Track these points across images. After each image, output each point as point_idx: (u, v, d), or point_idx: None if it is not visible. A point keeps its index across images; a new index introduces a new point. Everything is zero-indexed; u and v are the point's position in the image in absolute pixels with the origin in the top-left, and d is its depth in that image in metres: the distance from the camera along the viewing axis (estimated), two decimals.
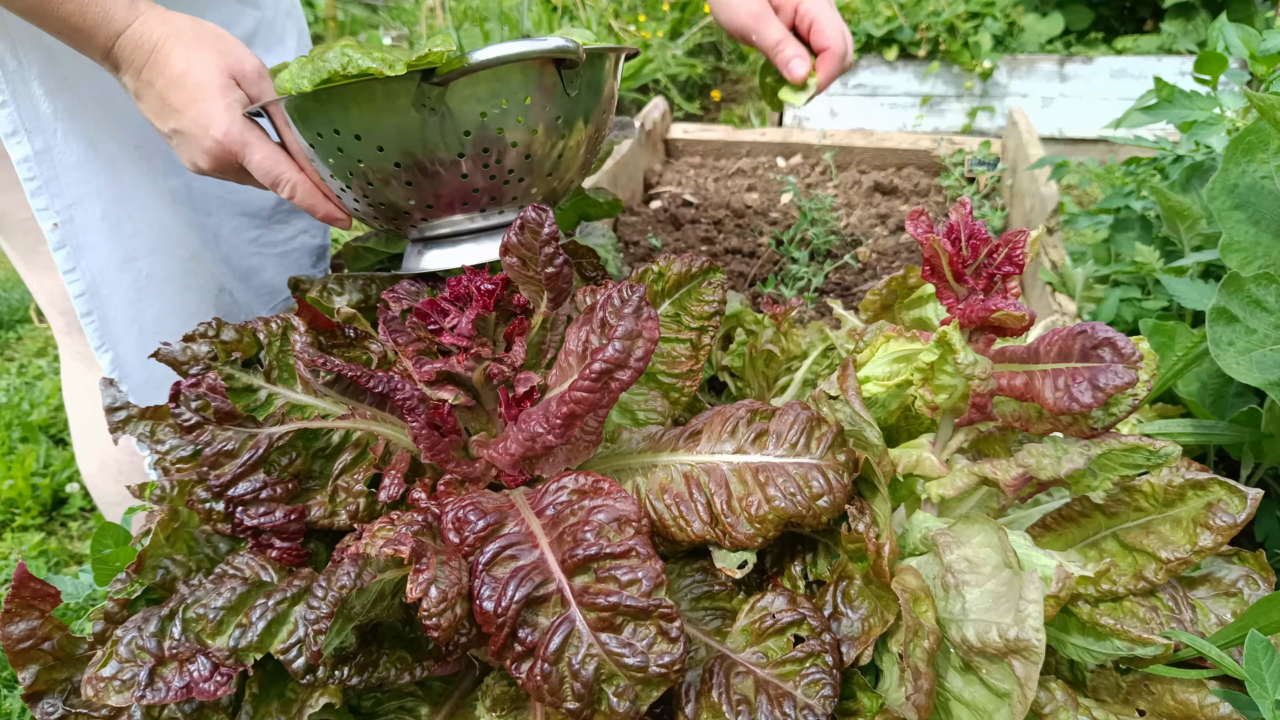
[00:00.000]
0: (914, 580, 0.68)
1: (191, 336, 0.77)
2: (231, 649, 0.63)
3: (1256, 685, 0.61)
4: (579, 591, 0.60)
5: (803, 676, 0.64)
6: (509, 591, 0.60)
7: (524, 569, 0.61)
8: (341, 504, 0.75)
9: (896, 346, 0.84)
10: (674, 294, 0.93)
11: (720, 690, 0.64)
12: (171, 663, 0.63)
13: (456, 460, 0.74)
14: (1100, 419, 0.68)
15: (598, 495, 0.65)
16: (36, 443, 2.01)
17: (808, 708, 0.62)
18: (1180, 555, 0.70)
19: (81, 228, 1.04)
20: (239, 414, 0.73)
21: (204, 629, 0.64)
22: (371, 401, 0.80)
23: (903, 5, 3.59)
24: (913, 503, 0.85)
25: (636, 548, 0.61)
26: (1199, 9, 3.63)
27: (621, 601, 0.59)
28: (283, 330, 0.81)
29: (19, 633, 0.67)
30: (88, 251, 1.04)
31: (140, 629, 0.64)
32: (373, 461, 0.77)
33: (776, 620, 0.67)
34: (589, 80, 0.94)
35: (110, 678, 0.63)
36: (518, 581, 0.60)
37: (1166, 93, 1.35)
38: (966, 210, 0.74)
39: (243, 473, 0.71)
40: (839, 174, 2.55)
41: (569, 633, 0.59)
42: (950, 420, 0.79)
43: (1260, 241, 1.01)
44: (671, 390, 0.92)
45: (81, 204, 1.03)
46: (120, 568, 0.83)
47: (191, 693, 0.62)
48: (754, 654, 0.67)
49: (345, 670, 0.64)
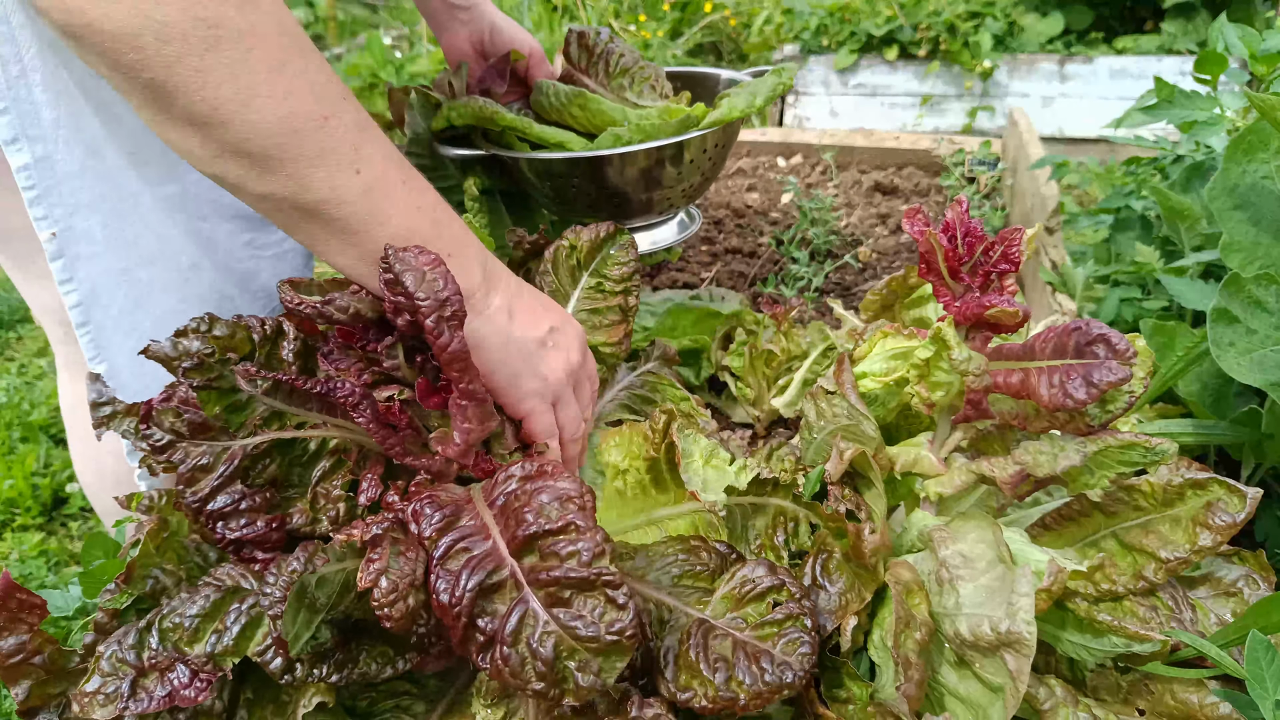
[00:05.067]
0: (908, 573, 0.68)
1: (183, 332, 0.76)
2: (209, 655, 0.63)
3: (1257, 685, 0.60)
4: (529, 571, 0.60)
5: (781, 636, 0.64)
6: (462, 581, 0.60)
7: (476, 558, 0.62)
8: (322, 510, 0.75)
9: (893, 343, 0.84)
10: (590, 264, 0.97)
11: (698, 650, 0.64)
12: (152, 673, 0.63)
13: (415, 454, 0.75)
14: (1096, 416, 0.68)
15: (541, 478, 0.66)
16: (36, 443, 2.01)
17: (785, 664, 0.62)
18: (1180, 555, 0.70)
19: (80, 237, 1.02)
20: (212, 425, 0.72)
21: (181, 637, 0.64)
22: (318, 405, 0.80)
23: (903, 5, 3.58)
24: (912, 501, 0.84)
25: (575, 521, 0.61)
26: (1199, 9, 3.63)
27: (564, 574, 0.59)
28: (274, 333, 0.80)
29: (9, 648, 0.67)
30: (85, 261, 1.03)
31: (120, 642, 0.65)
32: (350, 467, 0.77)
33: (756, 586, 0.68)
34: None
35: (94, 692, 0.63)
36: (470, 570, 0.61)
37: (1166, 93, 1.35)
38: (963, 208, 0.74)
39: (220, 485, 0.71)
40: (839, 174, 2.54)
41: (524, 613, 0.59)
42: (948, 418, 0.79)
43: (1261, 242, 1.01)
44: (610, 358, 0.98)
45: (80, 213, 1.02)
46: (107, 580, 0.83)
47: (174, 700, 0.62)
48: (733, 619, 0.67)
49: (324, 668, 0.64)
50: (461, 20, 1.39)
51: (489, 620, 0.59)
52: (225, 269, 1.21)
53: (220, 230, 1.21)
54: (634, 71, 1.37)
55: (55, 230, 1.00)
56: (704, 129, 1.22)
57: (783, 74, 1.24)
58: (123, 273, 1.06)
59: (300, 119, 0.69)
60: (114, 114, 1.03)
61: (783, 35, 3.91)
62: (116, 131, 1.05)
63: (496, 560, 0.61)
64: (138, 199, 1.07)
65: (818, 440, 0.85)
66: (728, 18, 4.18)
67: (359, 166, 0.72)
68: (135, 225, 1.07)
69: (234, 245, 1.23)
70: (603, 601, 0.59)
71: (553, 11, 4.14)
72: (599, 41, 1.38)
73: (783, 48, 3.83)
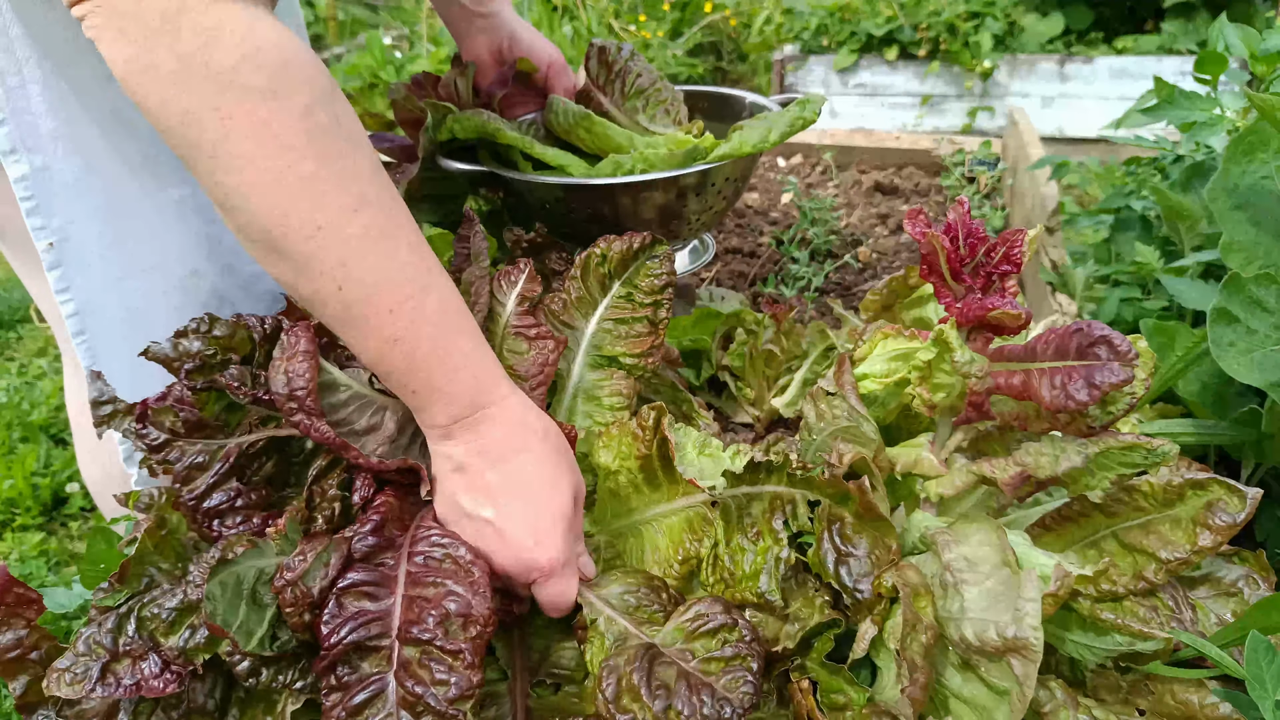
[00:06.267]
0: (915, 576, 0.68)
1: (183, 333, 0.76)
2: (181, 648, 0.64)
3: (1257, 685, 0.60)
4: (403, 662, 0.62)
5: (726, 672, 0.64)
6: (343, 631, 0.63)
7: (368, 615, 0.64)
8: (317, 509, 0.75)
9: (894, 344, 0.84)
10: (622, 274, 0.94)
11: (642, 675, 0.65)
12: (124, 659, 0.64)
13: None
14: (1098, 417, 0.68)
15: (461, 577, 0.67)
16: (37, 443, 2.01)
17: (725, 699, 0.62)
18: (1180, 555, 0.70)
19: (78, 246, 1.02)
20: (208, 424, 0.73)
21: (157, 628, 0.65)
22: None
23: (903, 5, 3.58)
24: (912, 502, 0.84)
25: (464, 651, 0.63)
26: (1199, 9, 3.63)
27: (426, 696, 0.61)
28: (274, 332, 0.80)
29: (6, 643, 0.67)
30: (82, 270, 1.03)
31: (100, 624, 0.65)
32: (344, 466, 0.77)
33: (708, 621, 0.68)
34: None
35: (64, 670, 0.63)
36: (356, 625, 0.63)
37: (1166, 93, 1.35)
38: (964, 209, 0.74)
39: (215, 483, 0.71)
40: (839, 174, 2.54)
41: (378, 693, 0.61)
42: (949, 419, 0.79)
43: (1261, 242, 1.01)
44: (634, 370, 0.94)
45: (79, 222, 1.01)
46: (106, 573, 0.83)
47: (141, 690, 0.63)
48: (682, 649, 0.67)
49: (290, 674, 0.66)
50: (480, 28, 1.37)
51: (349, 673, 0.62)
52: (229, 271, 1.21)
53: (228, 232, 1.21)
54: (650, 93, 1.34)
55: (53, 240, 1.00)
56: (710, 163, 1.17)
57: (806, 107, 1.17)
58: (121, 280, 1.06)
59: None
60: (124, 119, 1.03)
61: (783, 35, 3.91)
62: (126, 137, 1.04)
63: (384, 628, 0.64)
64: (138, 208, 1.07)
65: (818, 441, 0.85)
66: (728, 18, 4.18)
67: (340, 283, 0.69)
68: (134, 235, 1.07)
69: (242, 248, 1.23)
70: None
71: (553, 11, 4.14)
72: (619, 58, 1.35)
73: (783, 48, 3.83)
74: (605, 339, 0.94)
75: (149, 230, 1.08)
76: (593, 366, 0.94)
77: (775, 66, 3.79)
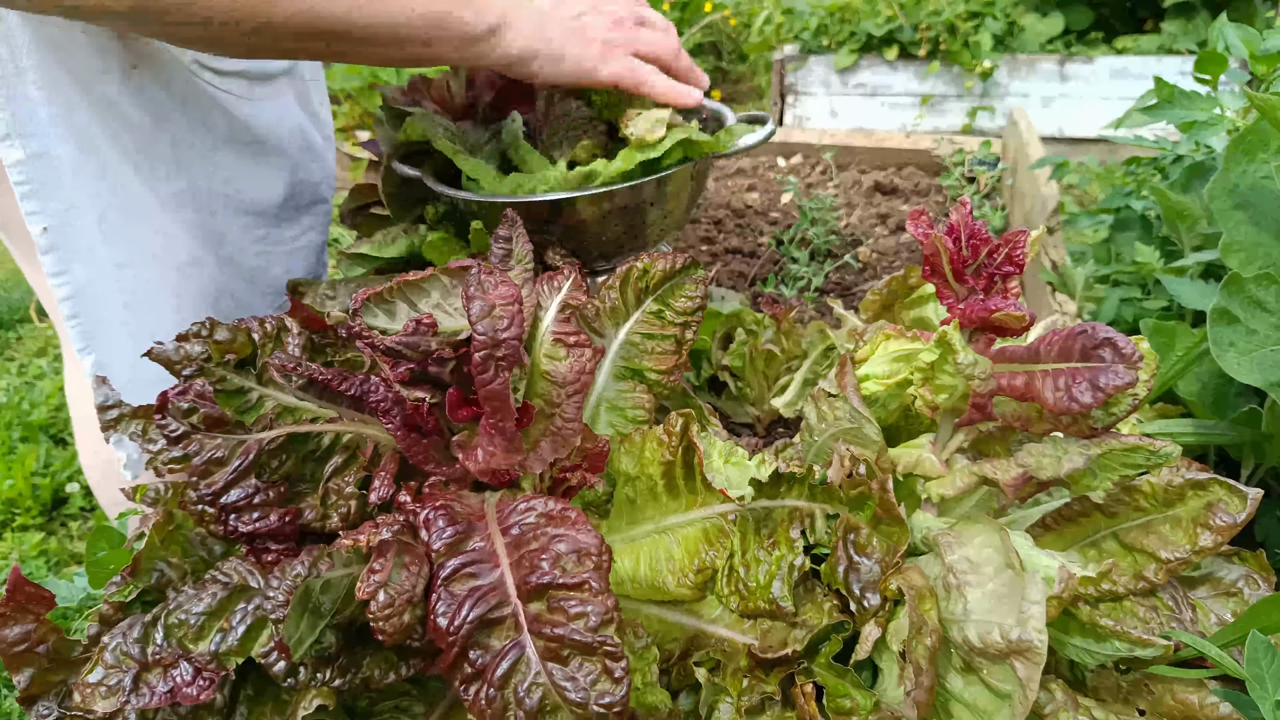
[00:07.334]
0: (919, 578, 0.68)
1: (185, 336, 0.76)
2: (213, 654, 0.63)
3: (1257, 685, 0.60)
4: (532, 618, 0.60)
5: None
6: (464, 611, 0.59)
7: (482, 589, 0.61)
8: (333, 506, 0.75)
9: (896, 345, 0.84)
10: (657, 291, 0.95)
11: None
12: (155, 668, 0.63)
13: (437, 461, 0.74)
14: (1100, 419, 0.68)
15: (563, 524, 0.65)
16: (36, 443, 2.01)
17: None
18: (1180, 555, 0.70)
19: (75, 232, 1.03)
20: (228, 419, 0.72)
21: (185, 635, 0.64)
22: (349, 404, 0.80)
23: (903, 5, 3.58)
24: (913, 503, 0.84)
25: (590, 581, 0.61)
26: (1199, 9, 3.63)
27: (568, 634, 0.59)
28: (276, 331, 0.80)
29: (14, 636, 0.67)
30: (79, 256, 1.04)
31: (125, 635, 0.65)
32: (363, 464, 0.77)
33: None
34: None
35: (96, 684, 0.63)
36: (474, 601, 0.60)
37: (1166, 93, 1.35)
38: (966, 210, 0.74)
39: (234, 479, 0.71)
40: (839, 174, 2.54)
41: (518, 659, 0.58)
42: (950, 420, 0.79)
43: (1261, 242, 1.01)
44: (656, 385, 0.94)
45: (77, 209, 1.02)
46: (115, 570, 0.83)
47: (176, 697, 0.62)
48: None
49: (328, 673, 0.64)
50: None
51: (481, 655, 0.59)
52: (232, 264, 1.21)
53: (232, 225, 1.21)
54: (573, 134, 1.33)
55: (47, 225, 1.01)
56: (603, 186, 1.19)
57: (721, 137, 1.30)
58: (118, 268, 1.07)
59: None
60: (118, 112, 1.03)
61: (783, 35, 3.91)
62: (122, 129, 1.05)
63: (502, 595, 0.61)
64: (138, 195, 1.07)
65: (819, 443, 0.85)
66: (728, 18, 4.18)
67: None
68: (134, 221, 1.07)
69: (245, 241, 1.23)
70: (600, 670, 0.58)
71: None
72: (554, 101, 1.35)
73: (783, 48, 3.83)
74: (633, 351, 0.94)
75: (149, 219, 1.09)
76: (618, 377, 0.94)
77: (775, 66, 3.79)
